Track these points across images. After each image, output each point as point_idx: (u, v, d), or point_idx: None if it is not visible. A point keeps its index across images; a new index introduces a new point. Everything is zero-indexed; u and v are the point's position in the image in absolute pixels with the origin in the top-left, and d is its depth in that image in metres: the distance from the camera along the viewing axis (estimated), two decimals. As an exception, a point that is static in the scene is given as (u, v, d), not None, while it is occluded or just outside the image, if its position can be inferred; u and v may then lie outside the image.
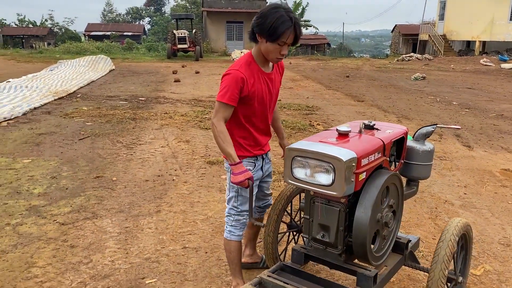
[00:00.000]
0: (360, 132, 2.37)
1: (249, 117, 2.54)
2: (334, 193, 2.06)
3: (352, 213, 2.18)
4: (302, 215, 2.38)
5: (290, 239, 3.14)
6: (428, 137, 2.71)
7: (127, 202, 4.31)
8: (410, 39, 38.40)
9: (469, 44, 30.94)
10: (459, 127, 7.90)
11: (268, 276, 2.21)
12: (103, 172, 5.19)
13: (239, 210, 2.65)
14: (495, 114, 9.41)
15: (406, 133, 2.59)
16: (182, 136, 6.97)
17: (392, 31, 44.09)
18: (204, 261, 3.25)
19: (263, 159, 2.70)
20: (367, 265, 2.31)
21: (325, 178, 2.08)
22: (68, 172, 5.16)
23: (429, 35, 31.81)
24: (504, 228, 3.88)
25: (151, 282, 2.96)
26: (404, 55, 27.67)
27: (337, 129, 2.32)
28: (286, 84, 13.57)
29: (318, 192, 2.18)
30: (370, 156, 2.17)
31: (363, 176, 2.14)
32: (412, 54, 27.98)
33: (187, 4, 47.24)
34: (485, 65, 21.92)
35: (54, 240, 3.51)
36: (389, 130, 2.48)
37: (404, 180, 2.82)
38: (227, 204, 2.70)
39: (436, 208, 4.31)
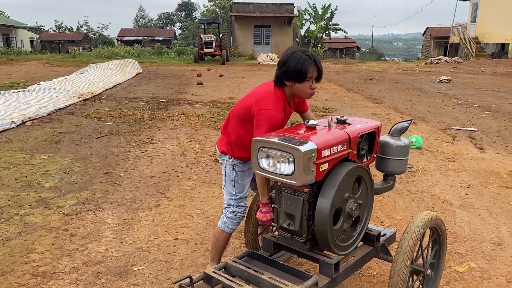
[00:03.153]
0: (328, 126, 2.45)
1: None
2: (294, 182, 2.15)
3: (316, 202, 2.26)
4: (272, 205, 2.47)
5: (274, 230, 3.22)
6: (404, 132, 2.75)
7: (130, 196, 4.50)
8: (442, 42, 37.59)
9: (503, 47, 30.04)
10: (475, 130, 7.76)
11: (233, 261, 2.31)
12: (113, 168, 5.42)
13: (237, 197, 2.72)
14: (517, 117, 9.18)
15: (378, 128, 2.64)
16: (195, 136, 7.15)
17: (423, 34, 43.29)
18: (193, 252, 3.39)
19: None
20: (331, 254, 2.37)
21: (286, 168, 2.18)
22: (80, 168, 5.41)
23: (460, 37, 31.09)
24: (499, 228, 3.83)
25: (139, 269, 3.12)
26: (432, 58, 27.14)
27: (305, 122, 2.42)
28: (307, 87, 13.57)
29: (282, 182, 2.28)
30: (333, 148, 2.25)
31: (324, 167, 2.22)
32: (441, 57, 27.42)
33: (217, 9, 47.92)
34: (518, 67, 21.27)
35: (56, 229, 3.72)
36: (359, 125, 2.54)
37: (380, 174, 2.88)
38: (225, 194, 2.77)
39: (433, 207, 4.29)
